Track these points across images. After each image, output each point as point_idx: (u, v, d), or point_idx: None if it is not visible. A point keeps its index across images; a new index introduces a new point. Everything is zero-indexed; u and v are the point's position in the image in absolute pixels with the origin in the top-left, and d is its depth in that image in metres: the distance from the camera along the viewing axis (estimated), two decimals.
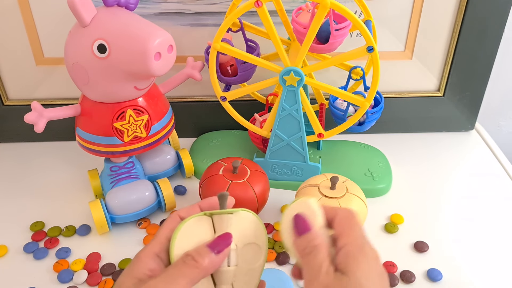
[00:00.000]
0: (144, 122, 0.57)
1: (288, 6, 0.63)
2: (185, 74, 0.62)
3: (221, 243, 0.35)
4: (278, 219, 0.60)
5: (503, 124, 0.96)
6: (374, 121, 0.61)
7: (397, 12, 0.67)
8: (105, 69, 0.51)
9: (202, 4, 0.65)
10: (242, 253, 0.36)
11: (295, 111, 0.58)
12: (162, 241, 0.36)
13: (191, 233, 0.35)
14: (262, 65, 0.56)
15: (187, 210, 0.38)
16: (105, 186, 0.60)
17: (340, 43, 0.56)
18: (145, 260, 0.35)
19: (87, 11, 0.49)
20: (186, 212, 0.38)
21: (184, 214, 0.38)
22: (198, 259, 0.34)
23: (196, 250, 0.34)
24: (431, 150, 0.73)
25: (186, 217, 0.37)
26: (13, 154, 0.72)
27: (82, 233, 0.58)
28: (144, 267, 0.34)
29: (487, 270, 0.54)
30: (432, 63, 0.71)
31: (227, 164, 0.58)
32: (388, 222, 0.60)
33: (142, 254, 0.35)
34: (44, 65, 0.68)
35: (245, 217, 0.37)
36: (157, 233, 0.37)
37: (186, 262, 0.34)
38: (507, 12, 0.65)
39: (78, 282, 0.52)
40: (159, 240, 0.36)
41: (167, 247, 0.36)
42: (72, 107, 0.56)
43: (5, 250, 0.56)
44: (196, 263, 0.34)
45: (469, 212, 0.62)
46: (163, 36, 0.49)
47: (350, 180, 0.55)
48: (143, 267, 0.34)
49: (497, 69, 0.73)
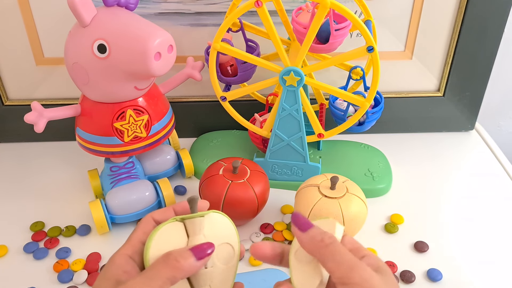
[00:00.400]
0: (144, 122, 0.57)
1: (288, 6, 0.63)
2: (185, 74, 0.62)
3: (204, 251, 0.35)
4: (278, 219, 0.60)
5: (503, 124, 0.96)
6: (374, 121, 0.61)
7: (397, 12, 0.67)
8: (105, 69, 0.51)
9: (202, 4, 0.65)
10: (217, 254, 0.37)
11: (295, 111, 0.58)
12: (135, 244, 0.36)
13: (165, 238, 0.35)
14: (262, 65, 0.56)
15: (162, 212, 0.38)
16: (105, 186, 0.60)
17: (340, 43, 0.56)
18: (119, 263, 0.35)
19: (87, 11, 0.49)
20: (160, 215, 0.38)
21: (158, 217, 0.38)
22: (180, 259, 0.34)
23: (178, 252, 0.34)
24: (431, 150, 0.73)
25: (160, 219, 0.38)
26: (13, 154, 0.72)
27: (82, 233, 0.58)
28: (119, 269, 0.34)
29: (487, 270, 0.54)
30: (432, 63, 0.71)
31: (227, 164, 0.58)
32: (388, 222, 0.60)
33: (116, 256, 0.35)
34: (44, 65, 0.68)
35: (216, 219, 0.37)
36: (130, 236, 0.37)
37: (167, 262, 0.34)
38: (507, 12, 0.65)
39: (78, 282, 0.52)
40: (132, 243, 0.36)
41: (140, 249, 0.36)
42: (72, 107, 0.56)
43: (5, 250, 0.56)
44: (177, 263, 0.33)
45: (469, 212, 0.62)
46: (163, 36, 0.49)
47: (350, 180, 0.55)
48: (118, 269, 0.34)
49: (497, 69, 0.73)
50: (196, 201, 0.37)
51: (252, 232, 0.58)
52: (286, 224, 0.59)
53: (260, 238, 0.57)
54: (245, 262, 0.54)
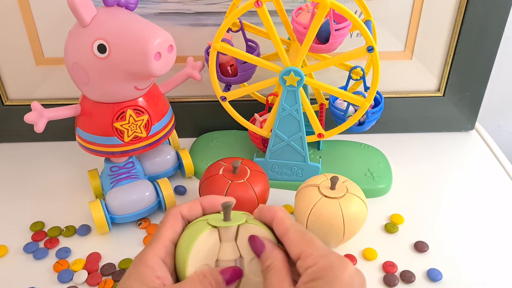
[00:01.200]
0: (144, 122, 0.57)
1: (288, 6, 0.63)
2: (185, 74, 0.62)
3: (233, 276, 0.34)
4: None
5: (503, 124, 0.97)
6: (374, 121, 0.61)
7: (397, 12, 0.67)
8: (105, 69, 0.51)
9: (202, 4, 0.65)
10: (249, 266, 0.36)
11: (295, 111, 0.58)
12: (167, 245, 0.35)
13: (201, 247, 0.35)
14: (262, 65, 0.56)
15: (189, 207, 0.37)
16: (105, 186, 0.60)
17: (340, 43, 0.56)
18: (152, 265, 0.34)
19: (87, 11, 0.49)
20: (188, 210, 0.37)
21: (186, 213, 0.37)
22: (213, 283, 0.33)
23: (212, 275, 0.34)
24: (431, 150, 0.73)
25: (188, 216, 0.37)
26: (13, 154, 0.72)
27: (82, 233, 0.58)
28: (152, 274, 0.33)
29: (487, 270, 0.54)
30: (432, 63, 0.71)
31: (227, 164, 0.58)
32: (388, 222, 0.60)
33: (148, 257, 0.34)
34: (44, 65, 0.68)
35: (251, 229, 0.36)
36: (159, 233, 0.36)
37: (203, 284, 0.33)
38: (507, 12, 0.65)
39: (78, 282, 0.52)
40: (163, 242, 0.35)
41: (172, 251, 0.35)
42: (72, 107, 0.56)
43: (5, 250, 0.56)
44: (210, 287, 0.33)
45: (469, 212, 0.62)
46: (163, 36, 0.49)
47: (350, 180, 0.55)
48: (152, 274, 0.33)
49: (497, 69, 0.73)
50: (230, 207, 0.36)
51: None
52: None
53: None
54: None
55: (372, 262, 0.55)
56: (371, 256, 0.55)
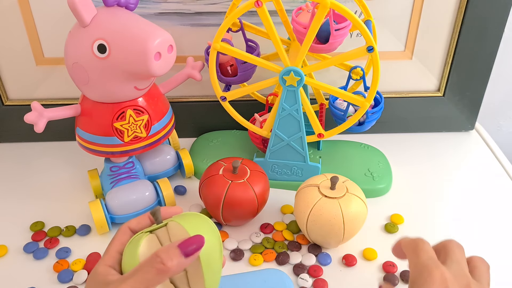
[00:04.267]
0: (144, 122, 0.57)
1: (288, 6, 0.63)
2: (185, 74, 0.62)
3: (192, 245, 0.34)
4: (278, 219, 0.60)
5: (503, 124, 0.97)
6: (374, 121, 0.61)
7: (397, 12, 0.67)
8: (105, 69, 0.51)
9: (202, 4, 0.65)
10: None
11: (295, 111, 0.58)
12: (114, 255, 0.37)
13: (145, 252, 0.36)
14: (262, 65, 0.56)
15: (137, 221, 0.40)
16: (105, 186, 0.60)
17: (340, 43, 0.56)
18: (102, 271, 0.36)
19: (87, 11, 0.49)
20: (136, 224, 0.39)
21: (135, 226, 0.39)
22: (167, 262, 0.33)
23: (166, 252, 0.34)
24: (431, 150, 0.73)
25: (136, 228, 0.39)
26: (13, 154, 0.72)
27: (82, 233, 0.58)
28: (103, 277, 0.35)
29: None
30: (432, 63, 0.71)
31: (227, 164, 0.58)
32: (388, 222, 0.60)
33: (98, 267, 0.36)
34: (44, 65, 0.68)
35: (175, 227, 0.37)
36: (108, 247, 0.38)
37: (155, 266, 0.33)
38: (507, 12, 0.65)
39: (78, 282, 0.52)
40: (111, 254, 0.37)
41: (119, 260, 0.37)
42: (72, 107, 0.56)
43: (5, 250, 0.56)
44: (164, 266, 0.33)
45: (469, 212, 0.62)
46: (163, 36, 0.49)
47: (350, 180, 0.55)
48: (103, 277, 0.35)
49: (497, 69, 0.73)
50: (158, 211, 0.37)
51: (252, 232, 0.58)
52: (286, 224, 0.59)
53: (260, 238, 0.57)
54: (245, 262, 0.54)
55: (372, 262, 0.55)
56: (371, 256, 0.55)
